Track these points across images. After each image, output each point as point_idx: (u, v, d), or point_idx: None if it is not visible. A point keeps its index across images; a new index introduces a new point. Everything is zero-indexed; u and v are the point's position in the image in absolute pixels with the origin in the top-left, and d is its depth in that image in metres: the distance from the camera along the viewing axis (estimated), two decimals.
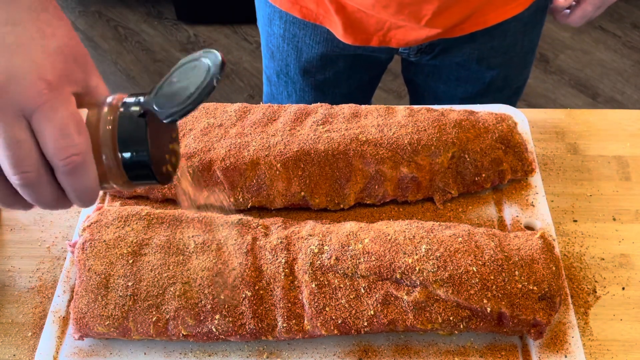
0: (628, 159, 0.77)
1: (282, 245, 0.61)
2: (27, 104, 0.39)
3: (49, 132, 0.39)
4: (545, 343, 0.60)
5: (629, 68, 2.14)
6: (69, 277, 0.65)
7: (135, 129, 0.42)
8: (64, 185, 0.42)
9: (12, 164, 0.39)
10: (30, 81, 0.39)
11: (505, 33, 0.86)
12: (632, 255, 0.68)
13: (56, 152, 0.40)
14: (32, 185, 0.40)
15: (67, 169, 0.40)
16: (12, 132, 0.39)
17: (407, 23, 0.80)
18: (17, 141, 0.39)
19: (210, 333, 0.58)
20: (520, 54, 0.92)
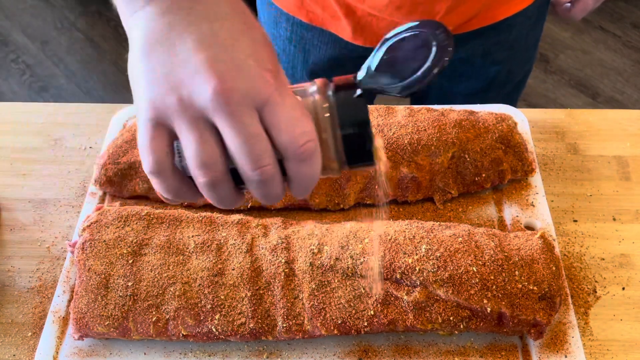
0: (628, 158, 0.77)
1: (282, 245, 0.61)
2: (258, 96, 0.38)
3: (283, 120, 0.39)
4: (545, 343, 0.60)
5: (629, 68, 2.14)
6: (69, 277, 0.65)
7: (357, 110, 0.42)
8: (293, 174, 0.40)
9: (252, 160, 0.38)
10: (256, 73, 0.39)
11: (511, 28, 0.86)
12: (632, 255, 0.68)
13: (292, 139, 0.39)
14: (269, 180, 0.39)
15: (304, 156, 0.39)
16: (249, 127, 0.38)
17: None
18: (254, 135, 0.38)
19: (210, 333, 0.58)
20: (524, 48, 0.92)
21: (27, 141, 0.79)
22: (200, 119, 0.38)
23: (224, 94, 0.37)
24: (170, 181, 0.41)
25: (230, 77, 0.38)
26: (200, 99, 0.37)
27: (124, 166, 0.69)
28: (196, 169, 0.39)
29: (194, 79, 0.38)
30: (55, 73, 2.17)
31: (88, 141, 0.79)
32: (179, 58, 0.38)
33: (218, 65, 0.38)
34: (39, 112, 0.83)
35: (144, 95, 0.39)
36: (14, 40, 2.28)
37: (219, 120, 0.38)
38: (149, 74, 0.39)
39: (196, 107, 0.38)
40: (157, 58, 0.39)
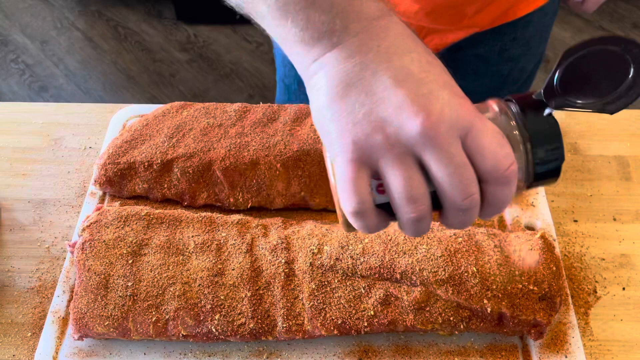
0: (628, 158, 0.77)
1: (282, 245, 0.61)
2: (462, 124, 0.38)
3: (487, 146, 0.39)
4: (545, 343, 0.60)
5: None
6: (69, 278, 0.65)
7: (550, 129, 0.42)
8: (491, 198, 0.40)
9: (462, 189, 0.39)
10: (456, 102, 0.39)
11: (529, 24, 0.86)
12: (632, 256, 0.68)
13: (497, 164, 0.39)
14: (473, 207, 0.40)
15: (507, 179, 0.39)
16: (457, 157, 0.38)
17: (447, 26, 0.80)
18: (463, 165, 0.38)
19: (209, 333, 0.58)
20: (538, 44, 0.92)
21: (26, 141, 0.79)
22: (408, 154, 0.38)
23: (432, 127, 0.37)
24: (372, 219, 0.41)
25: (435, 109, 0.38)
26: (408, 135, 0.38)
27: (123, 166, 0.69)
28: (405, 205, 0.39)
29: (399, 115, 0.38)
30: (54, 73, 2.17)
31: (88, 141, 0.79)
32: (378, 96, 0.38)
33: (420, 99, 0.38)
34: (39, 112, 0.83)
35: (343, 137, 0.39)
36: (13, 40, 2.28)
37: (427, 153, 0.38)
38: (348, 116, 0.39)
39: (403, 142, 0.38)
40: (353, 99, 0.39)
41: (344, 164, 0.39)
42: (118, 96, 2.09)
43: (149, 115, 0.73)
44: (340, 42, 0.40)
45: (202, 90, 2.11)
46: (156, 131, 0.71)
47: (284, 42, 0.43)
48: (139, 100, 2.07)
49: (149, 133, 0.71)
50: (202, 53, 2.23)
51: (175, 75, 2.16)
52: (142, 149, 0.70)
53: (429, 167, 0.39)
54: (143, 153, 0.69)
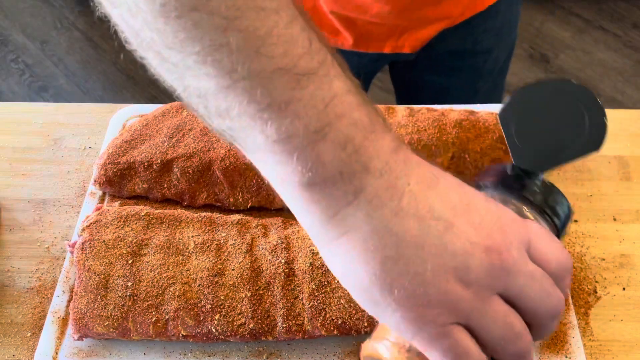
0: (629, 158, 0.77)
1: (282, 245, 0.61)
2: (524, 234, 0.36)
3: (550, 249, 0.37)
4: (545, 343, 0.60)
5: (629, 68, 2.14)
6: (69, 278, 0.65)
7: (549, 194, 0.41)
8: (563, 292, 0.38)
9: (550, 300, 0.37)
10: (504, 213, 0.36)
11: (497, 14, 0.87)
12: (632, 256, 0.68)
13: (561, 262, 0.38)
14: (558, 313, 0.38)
15: (569, 272, 0.38)
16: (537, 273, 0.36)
17: (420, 22, 0.80)
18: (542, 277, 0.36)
19: (209, 333, 0.58)
20: (507, 32, 0.93)
21: (26, 141, 0.79)
22: (492, 293, 0.35)
23: (504, 259, 0.34)
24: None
25: (497, 237, 0.34)
26: (485, 275, 0.34)
27: (123, 166, 0.69)
28: (513, 345, 0.37)
29: (469, 259, 0.33)
30: (54, 73, 2.17)
31: (88, 141, 0.79)
32: (435, 247, 0.33)
33: (481, 230, 0.34)
34: (39, 112, 0.82)
35: (416, 309, 0.33)
36: (13, 40, 2.28)
37: (510, 284, 0.35)
38: (411, 280, 0.33)
39: (485, 284, 0.34)
40: (407, 262, 0.33)
41: (439, 337, 0.34)
42: (118, 96, 2.09)
43: (148, 115, 0.73)
44: (363, 189, 0.33)
45: None
46: (156, 131, 0.71)
47: (284, 187, 0.34)
48: (138, 100, 2.07)
49: (149, 133, 0.71)
50: None
51: None
52: (141, 149, 0.70)
53: (514, 296, 0.35)
54: (143, 153, 0.69)
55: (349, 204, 0.33)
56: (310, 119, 0.32)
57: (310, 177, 0.32)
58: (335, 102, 0.32)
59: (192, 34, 0.31)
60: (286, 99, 0.31)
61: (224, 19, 0.30)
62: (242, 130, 0.33)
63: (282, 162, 0.33)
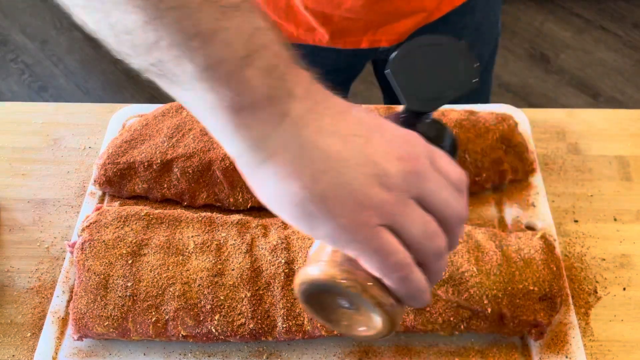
0: (629, 158, 0.77)
1: (282, 245, 0.61)
2: (429, 150, 0.40)
3: (448, 164, 0.41)
4: (546, 344, 0.60)
5: (630, 68, 2.14)
6: (68, 278, 0.65)
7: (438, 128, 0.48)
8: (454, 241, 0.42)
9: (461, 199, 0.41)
10: (412, 132, 0.40)
11: (474, 9, 0.87)
12: (633, 256, 0.68)
13: (459, 177, 0.41)
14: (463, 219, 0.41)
15: (465, 188, 0.42)
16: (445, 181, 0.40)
17: (394, 16, 0.80)
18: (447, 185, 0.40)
19: (209, 333, 0.58)
20: (488, 28, 0.93)
21: (26, 141, 0.79)
22: (409, 198, 0.38)
23: (416, 165, 0.38)
24: (419, 278, 0.39)
25: (407, 149, 0.39)
26: (402, 180, 0.38)
27: (123, 166, 0.69)
28: (430, 240, 0.39)
29: (387, 166, 0.37)
30: (54, 73, 2.17)
31: (87, 141, 0.79)
32: (355, 158, 0.37)
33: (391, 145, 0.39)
34: (39, 112, 0.82)
35: (341, 219, 0.36)
36: (13, 39, 2.28)
37: (422, 188, 0.39)
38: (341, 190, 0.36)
39: (402, 189, 0.38)
40: (333, 175, 0.36)
41: (366, 237, 0.37)
42: (118, 96, 2.09)
43: (148, 115, 0.73)
44: (288, 112, 0.36)
45: None
46: (156, 131, 0.71)
47: (213, 115, 0.36)
48: (138, 100, 2.07)
49: (149, 133, 0.71)
50: None
51: None
52: (141, 149, 0.69)
53: (427, 199, 0.39)
54: (143, 153, 0.69)
55: (277, 126, 0.35)
56: (237, 47, 0.34)
57: (239, 101, 0.35)
58: (258, 34, 0.35)
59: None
60: (213, 28, 0.34)
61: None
62: (171, 62, 0.35)
63: (211, 89, 0.34)
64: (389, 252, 0.37)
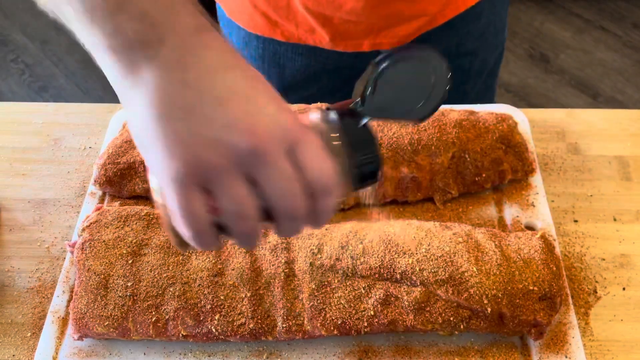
0: (629, 159, 0.77)
1: (282, 245, 0.61)
2: (291, 137, 0.40)
3: (311, 159, 0.40)
4: (545, 343, 0.60)
5: (629, 68, 2.14)
6: (69, 278, 0.65)
7: (365, 136, 0.45)
8: (318, 207, 0.42)
9: (291, 201, 0.41)
10: (283, 117, 0.40)
11: (479, 15, 0.86)
12: (632, 256, 0.68)
13: (322, 176, 0.41)
14: (301, 217, 0.42)
15: (329, 190, 0.42)
16: (286, 171, 0.40)
17: (396, 19, 0.80)
18: (291, 179, 0.40)
19: (209, 333, 0.58)
20: (494, 34, 0.92)
21: (26, 141, 0.79)
22: (237, 172, 0.39)
23: (260, 146, 0.38)
24: (209, 238, 0.41)
25: (262, 126, 0.39)
26: (237, 153, 0.38)
27: (123, 166, 0.69)
28: (236, 223, 0.40)
29: (228, 134, 0.38)
30: (54, 73, 2.17)
31: (88, 141, 0.79)
32: (205, 116, 0.38)
33: (247, 117, 0.38)
34: (39, 112, 0.83)
35: (171, 160, 0.38)
36: (13, 39, 2.28)
37: (257, 169, 0.39)
38: (173, 136, 0.38)
39: (232, 161, 0.38)
40: (178, 119, 0.38)
41: (176, 188, 0.39)
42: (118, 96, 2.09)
43: None
44: (156, 56, 0.38)
45: None
46: None
47: (94, 51, 0.41)
48: None
49: None
50: None
51: None
52: None
53: (259, 183, 0.39)
54: None
55: (143, 66, 0.38)
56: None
57: (111, 42, 0.39)
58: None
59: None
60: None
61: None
62: (58, 6, 0.42)
63: (91, 30, 0.39)
64: (186, 211, 0.39)
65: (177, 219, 0.40)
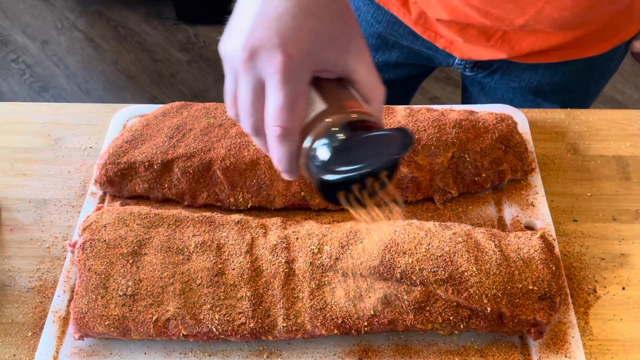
0: (628, 158, 0.77)
1: (282, 245, 0.61)
2: (265, 71, 0.44)
3: (273, 101, 0.44)
4: (545, 343, 0.60)
5: (629, 68, 2.14)
6: (69, 277, 0.65)
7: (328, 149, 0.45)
8: (269, 146, 0.47)
9: (244, 115, 0.47)
10: (273, 52, 0.43)
11: (570, 72, 0.84)
12: (632, 255, 0.68)
13: (271, 119, 0.45)
14: (254, 135, 0.48)
15: (273, 134, 0.45)
16: (251, 93, 0.45)
17: (476, 40, 0.79)
18: (251, 100, 0.46)
19: (210, 333, 0.58)
20: (582, 95, 0.89)
21: (27, 141, 0.79)
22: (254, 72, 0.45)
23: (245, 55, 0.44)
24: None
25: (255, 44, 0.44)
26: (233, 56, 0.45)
27: (124, 166, 0.69)
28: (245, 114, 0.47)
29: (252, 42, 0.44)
30: (55, 73, 2.17)
31: (88, 141, 0.79)
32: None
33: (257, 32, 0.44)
34: (39, 112, 0.83)
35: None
36: (14, 40, 2.28)
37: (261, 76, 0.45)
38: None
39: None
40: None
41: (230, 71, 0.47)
42: (118, 96, 2.09)
43: (149, 116, 0.73)
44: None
45: (202, 90, 2.11)
46: (156, 131, 0.71)
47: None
48: (139, 100, 2.07)
49: (149, 133, 0.71)
50: (202, 53, 2.23)
51: (175, 76, 2.16)
52: (142, 149, 0.70)
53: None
54: (143, 153, 0.69)
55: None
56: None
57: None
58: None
59: None
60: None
61: None
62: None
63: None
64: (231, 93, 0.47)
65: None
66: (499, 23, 0.74)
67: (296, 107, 0.44)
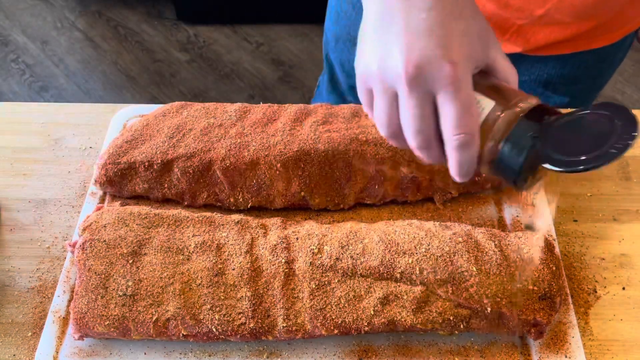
0: (628, 158, 0.77)
1: (282, 245, 0.61)
2: (435, 84, 0.44)
3: (451, 111, 0.45)
4: (545, 343, 0.60)
5: (629, 68, 2.14)
6: (69, 277, 0.65)
7: (522, 143, 0.45)
8: (448, 155, 0.47)
9: (412, 133, 0.47)
10: (440, 64, 0.43)
11: (579, 64, 0.83)
12: (632, 255, 0.68)
13: (452, 128, 0.45)
14: (424, 149, 0.48)
15: (456, 143, 0.46)
16: (420, 109, 0.45)
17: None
18: (421, 116, 0.46)
19: (210, 333, 0.58)
20: (589, 87, 0.89)
21: (27, 141, 0.79)
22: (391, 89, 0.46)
23: (411, 73, 0.44)
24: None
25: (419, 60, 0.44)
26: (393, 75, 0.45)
27: (124, 166, 0.69)
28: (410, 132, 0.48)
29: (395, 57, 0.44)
30: (55, 73, 2.17)
31: (88, 141, 0.79)
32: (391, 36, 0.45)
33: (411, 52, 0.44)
34: (39, 112, 0.83)
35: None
36: (14, 40, 2.28)
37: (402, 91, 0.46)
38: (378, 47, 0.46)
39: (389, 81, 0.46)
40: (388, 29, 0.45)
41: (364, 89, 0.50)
42: (118, 96, 2.09)
43: (149, 115, 0.73)
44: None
45: (202, 90, 2.11)
46: (156, 131, 0.71)
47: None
48: (139, 100, 2.07)
49: (149, 133, 0.71)
50: (203, 53, 2.23)
51: (175, 75, 2.16)
52: (142, 149, 0.70)
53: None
54: (143, 153, 0.69)
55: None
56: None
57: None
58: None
59: None
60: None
61: None
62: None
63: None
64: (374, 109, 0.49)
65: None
66: (517, 15, 0.74)
67: (472, 110, 0.45)
